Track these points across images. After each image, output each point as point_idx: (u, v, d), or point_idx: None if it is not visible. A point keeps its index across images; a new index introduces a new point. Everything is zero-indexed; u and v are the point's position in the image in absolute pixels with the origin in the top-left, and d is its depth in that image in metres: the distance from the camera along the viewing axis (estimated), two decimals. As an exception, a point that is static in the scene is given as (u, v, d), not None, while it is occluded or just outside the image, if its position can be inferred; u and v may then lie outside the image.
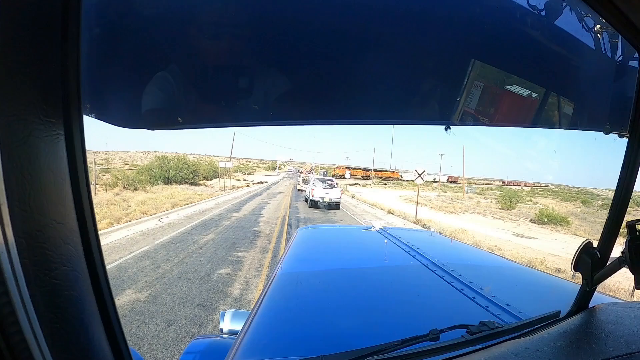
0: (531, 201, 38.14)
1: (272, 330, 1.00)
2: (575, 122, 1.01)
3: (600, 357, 0.66)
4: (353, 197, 28.44)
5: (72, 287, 0.42)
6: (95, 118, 0.66)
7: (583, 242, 0.88)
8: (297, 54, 0.75)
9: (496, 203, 32.30)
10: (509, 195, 33.91)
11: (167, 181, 25.80)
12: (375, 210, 19.53)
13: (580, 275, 0.89)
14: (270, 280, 1.38)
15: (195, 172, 29.79)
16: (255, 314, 1.07)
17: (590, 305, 0.93)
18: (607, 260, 0.85)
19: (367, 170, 70.67)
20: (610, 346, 0.70)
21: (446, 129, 0.93)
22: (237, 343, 0.91)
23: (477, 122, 0.90)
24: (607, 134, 0.92)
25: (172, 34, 0.67)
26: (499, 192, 48.38)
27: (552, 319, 0.88)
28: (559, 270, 8.09)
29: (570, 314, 0.91)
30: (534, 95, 0.92)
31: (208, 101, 0.78)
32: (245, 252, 7.68)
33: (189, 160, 31.03)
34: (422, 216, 16.47)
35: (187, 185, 25.61)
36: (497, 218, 22.01)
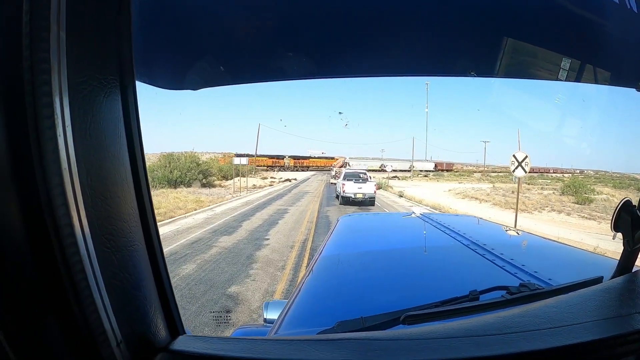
0: (594, 191, 32.73)
1: (313, 305, 1.06)
2: (605, 77, 1.00)
3: None
4: (401, 196, 22.66)
5: (133, 266, 0.48)
6: (146, 82, 0.76)
7: (621, 201, 0.84)
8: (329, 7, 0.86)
9: (560, 195, 27.15)
10: (575, 185, 28.81)
11: (174, 184, 22.33)
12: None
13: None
14: (312, 265, 1.46)
15: (207, 172, 26.18)
16: (297, 293, 1.14)
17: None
18: None
19: (280, 158, 53.66)
20: None
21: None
22: (280, 319, 0.97)
23: (509, 75, 1.00)
24: (639, 90, 0.94)
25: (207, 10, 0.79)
26: (548, 181, 42.65)
27: (594, 283, 0.85)
28: None
29: (613, 277, 0.87)
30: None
31: (243, 59, 0.91)
32: None
33: (199, 158, 27.48)
34: (522, 224, 11.44)
35: (196, 188, 22.05)
36: (585, 217, 16.76)
